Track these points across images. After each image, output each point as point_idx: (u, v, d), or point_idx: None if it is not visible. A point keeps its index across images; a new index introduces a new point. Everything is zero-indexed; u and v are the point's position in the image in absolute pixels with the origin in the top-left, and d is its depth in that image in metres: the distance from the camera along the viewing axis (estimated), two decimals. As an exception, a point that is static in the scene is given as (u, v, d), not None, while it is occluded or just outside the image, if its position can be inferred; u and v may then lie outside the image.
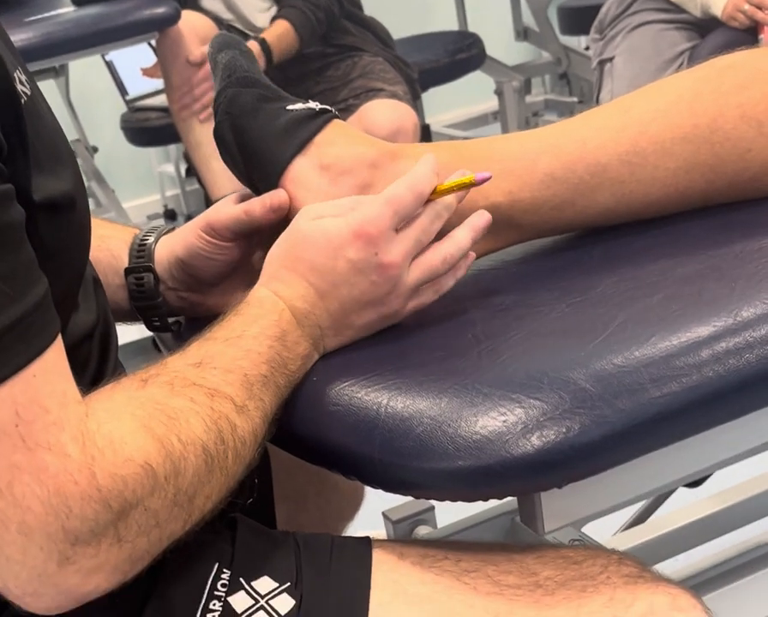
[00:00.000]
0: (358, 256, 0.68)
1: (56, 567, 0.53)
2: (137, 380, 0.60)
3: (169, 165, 3.48)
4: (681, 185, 0.81)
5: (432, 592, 0.63)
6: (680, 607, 0.63)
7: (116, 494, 0.54)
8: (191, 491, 0.58)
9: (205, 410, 0.60)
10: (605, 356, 0.65)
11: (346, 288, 0.69)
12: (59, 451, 0.53)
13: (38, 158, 0.59)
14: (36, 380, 0.53)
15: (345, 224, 0.69)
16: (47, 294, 0.56)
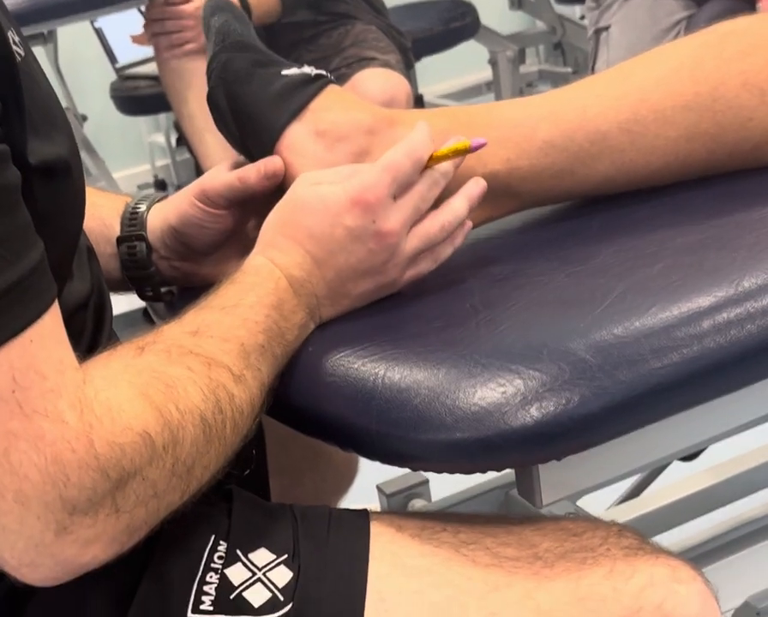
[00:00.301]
0: (356, 224, 0.67)
1: (53, 537, 0.52)
2: (133, 348, 0.59)
3: (159, 135, 3.45)
4: (681, 154, 0.80)
5: (431, 564, 0.62)
6: (680, 578, 0.62)
7: (114, 463, 0.53)
8: (189, 461, 0.57)
9: (202, 379, 0.59)
10: (605, 327, 0.64)
11: (343, 256, 0.68)
12: (56, 418, 0.51)
13: (33, 120, 0.57)
14: (33, 345, 0.52)
15: (342, 190, 0.67)
16: (43, 258, 0.54)
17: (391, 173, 0.68)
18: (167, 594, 0.60)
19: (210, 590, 0.61)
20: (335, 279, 0.68)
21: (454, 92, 3.43)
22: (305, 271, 0.68)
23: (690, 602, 0.62)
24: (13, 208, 0.53)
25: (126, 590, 0.61)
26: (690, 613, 0.61)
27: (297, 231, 0.68)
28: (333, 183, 0.68)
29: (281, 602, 0.60)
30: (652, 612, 0.61)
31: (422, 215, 0.70)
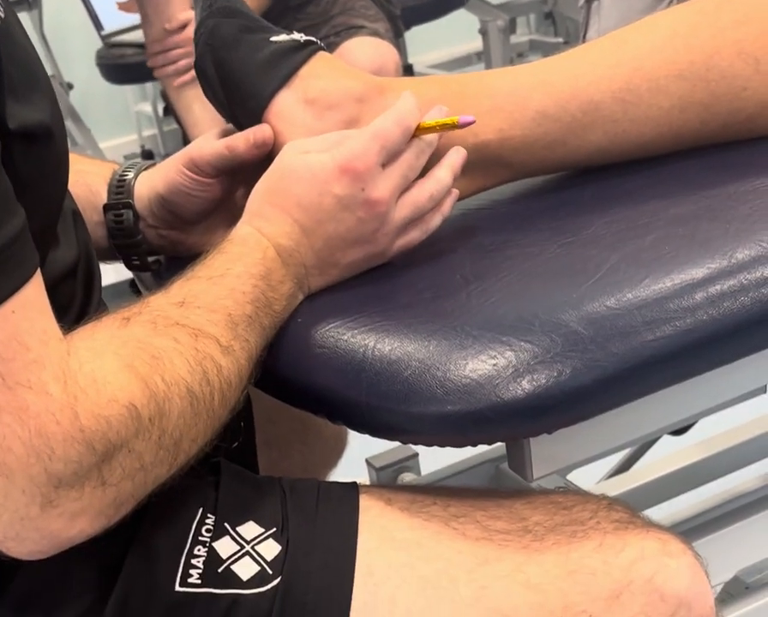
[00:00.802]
0: (345, 192, 0.66)
1: (38, 511, 0.52)
2: (119, 319, 0.58)
3: (146, 104, 3.42)
4: (674, 125, 0.79)
5: (420, 537, 0.62)
6: (670, 552, 0.62)
7: (100, 436, 0.52)
8: (176, 434, 0.56)
9: (189, 350, 0.58)
10: (597, 299, 0.64)
11: (332, 225, 0.67)
12: (40, 389, 0.51)
13: (12, 84, 0.56)
14: (15, 316, 0.51)
15: (331, 159, 0.66)
16: (25, 226, 0.53)
17: (380, 141, 0.67)
18: (154, 567, 0.60)
19: (198, 563, 0.60)
20: (324, 249, 0.67)
21: (444, 61, 3.40)
22: (293, 240, 0.67)
23: (680, 575, 0.61)
24: None
25: (113, 562, 0.60)
26: (680, 586, 0.61)
27: (284, 200, 0.67)
28: (321, 151, 0.67)
29: (270, 575, 0.60)
30: (642, 585, 0.61)
31: (409, 184, 0.69)
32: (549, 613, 0.60)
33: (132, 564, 0.60)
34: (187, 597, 0.59)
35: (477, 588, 0.60)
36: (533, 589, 0.60)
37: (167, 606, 0.59)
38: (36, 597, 0.59)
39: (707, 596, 0.62)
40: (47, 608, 0.59)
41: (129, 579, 0.59)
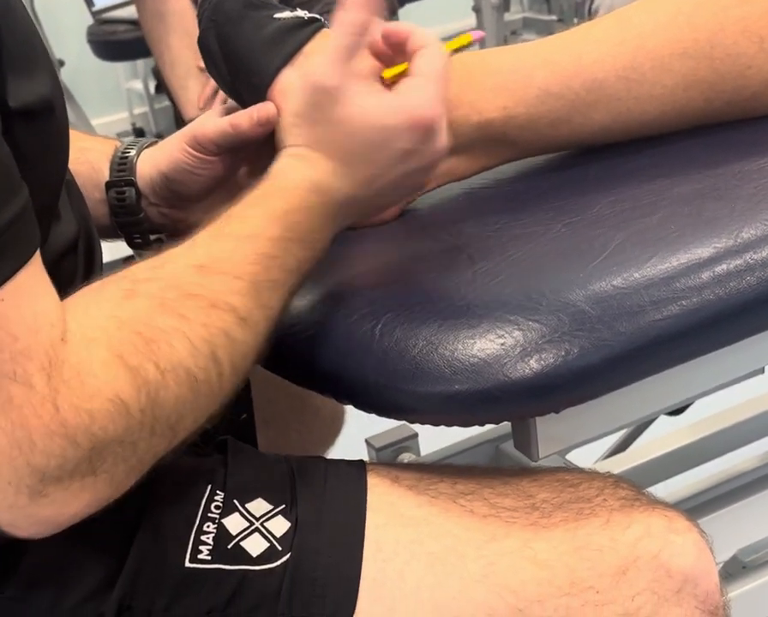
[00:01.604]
0: (412, 146, 0.63)
1: (27, 500, 0.51)
2: (127, 284, 0.56)
3: (137, 82, 3.39)
4: (678, 103, 0.79)
5: (428, 514, 0.62)
6: (676, 529, 0.63)
7: (82, 430, 0.51)
8: (173, 419, 0.55)
9: (195, 328, 0.57)
10: (604, 278, 0.64)
11: (387, 173, 0.64)
12: (25, 381, 0.50)
13: (11, 59, 0.55)
14: (4, 305, 0.50)
15: (400, 109, 0.63)
16: (27, 205, 0.52)
17: (440, 87, 0.64)
18: (164, 544, 0.60)
19: (208, 539, 0.60)
20: (371, 195, 0.65)
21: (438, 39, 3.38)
22: (336, 182, 0.64)
23: (686, 551, 0.62)
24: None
25: (122, 540, 0.60)
26: (686, 563, 0.62)
27: (335, 143, 0.64)
28: (380, 94, 0.63)
29: (279, 551, 0.60)
30: (649, 562, 0.61)
31: None
32: (556, 588, 0.60)
33: (141, 541, 0.60)
34: (197, 573, 0.59)
35: (484, 564, 0.61)
36: (540, 565, 0.61)
37: (177, 582, 0.59)
38: (46, 576, 0.59)
39: (712, 572, 0.63)
40: (57, 586, 0.59)
41: (139, 556, 0.59)
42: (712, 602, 0.63)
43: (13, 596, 0.59)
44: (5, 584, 0.59)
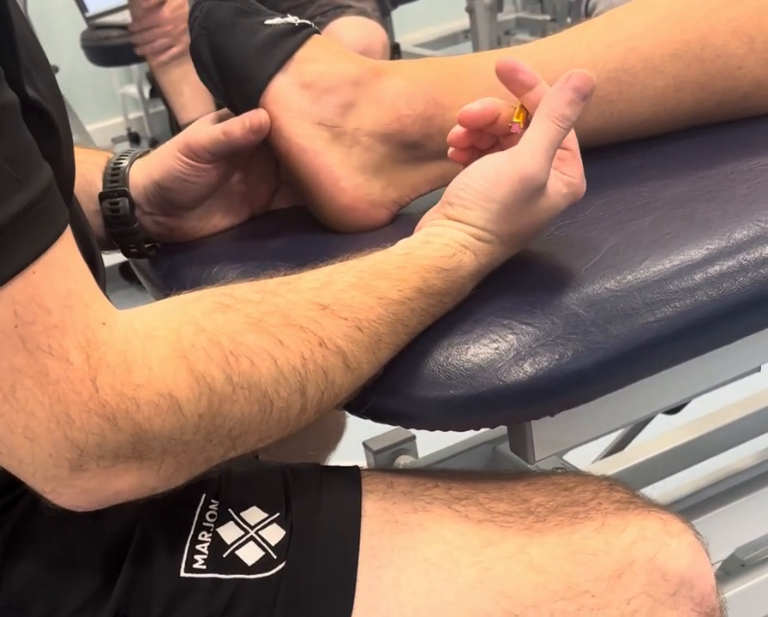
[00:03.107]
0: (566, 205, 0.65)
1: (67, 473, 0.51)
2: (225, 299, 0.56)
3: (132, 86, 3.39)
4: (670, 104, 0.79)
5: (423, 520, 0.62)
6: (671, 531, 0.63)
7: (123, 415, 0.50)
8: (235, 433, 0.55)
9: (290, 357, 0.55)
10: (598, 281, 0.64)
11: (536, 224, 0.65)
12: (61, 356, 0.49)
13: (24, 55, 0.54)
14: (35, 276, 0.49)
15: (563, 201, 0.64)
16: (53, 180, 0.51)
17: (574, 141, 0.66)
18: (159, 553, 0.60)
19: (203, 548, 0.60)
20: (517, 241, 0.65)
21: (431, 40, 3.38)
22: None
23: (681, 554, 0.62)
24: (17, 127, 0.50)
25: (118, 548, 0.60)
26: (681, 565, 0.62)
27: (520, 240, 0.65)
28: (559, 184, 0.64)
29: (274, 559, 0.60)
30: (644, 565, 0.61)
31: None
32: (551, 593, 0.60)
33: (137, 550, 0.60)
34: (192, 583, 0.59)
35: (480, 569, 0.61)
36: (536, 569, 0.61)
37: (173, 591, 0.59)
38: (40, 585, 0.59)
39: (708, 574, 0.63)
40: (52, 595, 0.59)
41: (134, 565, 0.59)
42: (708, 604, 0.63)
43: (7, 604, 0.59)
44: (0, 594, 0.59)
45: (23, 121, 0.51)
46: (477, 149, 0.69)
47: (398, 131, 0.75)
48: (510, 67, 0.65)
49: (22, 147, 0.50)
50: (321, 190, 0.75)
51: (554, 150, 0.62)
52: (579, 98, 0.62)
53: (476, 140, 0.67)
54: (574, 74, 0.62)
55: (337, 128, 0.75)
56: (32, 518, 0.60)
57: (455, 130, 0.67)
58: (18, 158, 0.49)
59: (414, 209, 0.79)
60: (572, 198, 0.65)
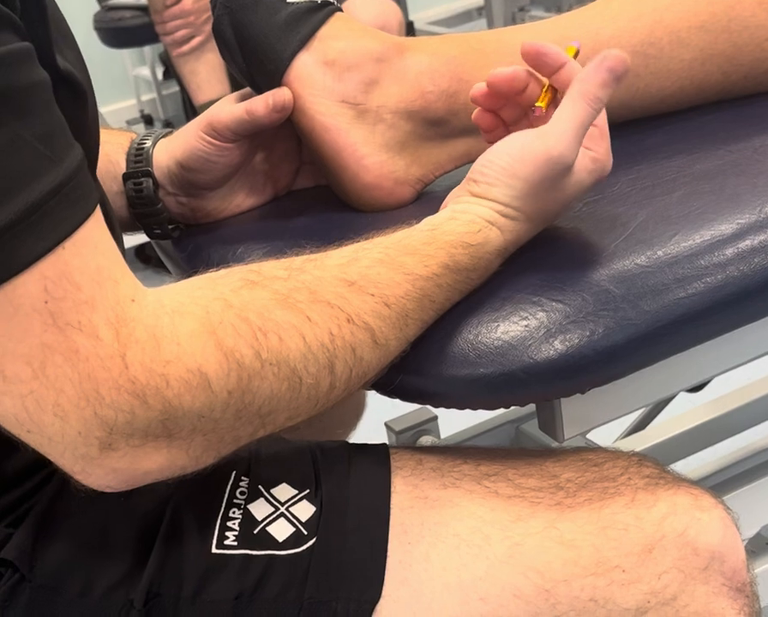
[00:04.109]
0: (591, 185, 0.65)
1: (97, 452, 0.51)
2: (252, 276, 0.55)
3: (144, 68, 3.38)
4: (696, 77, 0.79)
5: (453, 496, 0.62)
6: (701, 506, 0.62)
7: (153, 392, 0.50)
8: (264, 410, 0.54)
9: (318, 333, 0.55)
10: (628, 257, 0.63)
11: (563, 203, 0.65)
12: (90, 333, 0.49)
13: (53, 35, 0.54)
14: (65, 252, 0.49)
15: (590, 177, 0.64)
16: (84, 159, 0.51)
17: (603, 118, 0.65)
18: (190, 530, 0.60)
19: (233, 525, 0.60)
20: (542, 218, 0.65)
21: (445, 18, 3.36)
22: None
23: (712, 529, 0.62)
24: (49, 105, 0.50)
25: (150, 526, 0.60)
26: (712, 540, 0.62)
27: (546, 217, 0.65)
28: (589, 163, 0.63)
29: (305, 536, 0.60)
30: (674, 540, 0.61)
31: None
32: (582, 568, 0.60)
33: (168, 528, 0.60)
34: (224, 559, 0.59)
35: (510, 545, 0.61)
36: (566, 545, 0.61)
37: (204, 568, 0.59)
38: (74, 564, 0.59)
39: (739, 549, 0.63)
40: (86, 574, 0.59)
41: (166, 543, 0.60)
42: (739, 579, 0.62)
43: (42, 584, 0.59)
44: (34, 573, 0.59)
45: (54, 99, 0.51)
46: (503, 124, 0.68)
47: (421, 108, 0.75)
48: (534, 50, 0.64)
49: (55, 126, 0.50)
50: (344, 169, 0.75)
51: (584, 131, 0.61)
52: (613, 79, 0.61)
53: (500, 105, 0.67)
54: (609, 55, 0.61)
55: (360, 106, 0.74)
56: (63, 498, 0.60)
57: (478, 86, 0.66)
58: (50, 136, 0.49)
59: (438, 187, 0.79)
60: (598, 175, 0.64)
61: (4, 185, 0.47)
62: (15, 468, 0.60)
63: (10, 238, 0.47)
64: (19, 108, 0.48)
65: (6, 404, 0.50)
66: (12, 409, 0.50)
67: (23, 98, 0.48)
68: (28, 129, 0.48)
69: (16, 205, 0.47)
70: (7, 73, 0.48)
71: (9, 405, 0.50)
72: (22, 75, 0.49)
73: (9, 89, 0.48)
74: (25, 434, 0.51)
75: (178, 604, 0.58)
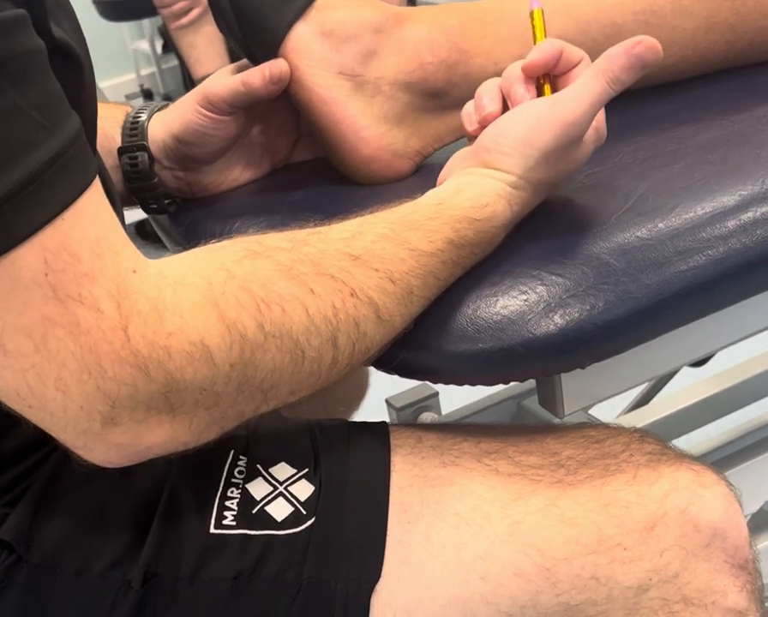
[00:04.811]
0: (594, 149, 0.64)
1: (99, 426, 0.50)
2: (253, 246, 0.54)
3: (143, 42, 3.36)
4: (699, 46, 0.77)
5: (453, 474, 0.62)
6: (703, 483, 0.62)
7: (156, 364, 0.49)
8: (266, 384, 0.54)
9: (321, 306, 0.54)
10: (628, 229, 0.62)
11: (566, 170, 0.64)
12: (91, 305, 0.48)
13: (48, 4, 0.53)
14: (65, 223, 0.48)
15: (592, 143, 0.64)
16: (82, 129, 0.50)
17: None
18: (188, 510, 0.60)
19: (232, 504, 0.60)
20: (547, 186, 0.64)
21: (446, -12, 3.33)
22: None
23: (714, 505, 0.61)
24: (45, 74, 0.49)
25: (147, 505, 0.60)
26: (714, 516, 0.61)
27: (550, 187, 0.64)
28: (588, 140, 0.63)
29: (304, 515, 0.60)
30: (677, 517, 0.60)
31: None
32: (583, 546, 0.60)
33: (166, 507, 0.60)
34: (222, 539, 0.59)
35: (511, 523, 0.60)
36: (567, 523, 0.60)
37: (203, 548, 0.59)
38: (72, 543, 0.59)
39: (741, 525, 0.62)
40: (84, 553, 0.59)
41: (164, 523, 0.59)
42: (741, 556, 0.62)
43: (40, 563, 0.58)
44: (31, 553, 0.58)
45: (50, 67, 0.50)
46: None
47: (421, 79, 0.74)
48: (555, 52, 0.63)
49: (51, 95, 0.49)
50: (342, 141, 0.74)
51: (598, 106, 0.60)
52: (640, 67, 0.60)
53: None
54: (643, 43, 0.60)
55: (358, 78, 0.73)
56: (60, 477, 0.60)
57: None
58: (47, 105, 0.48)
59: (437, 160, 0.77)
60: (598, 143, 0.64)
61: (1, 155, 0.46)
62: (11, 447, 0.60)
63: (8, 210, 0.46)
64: (14, 76, 0.47)
65: (7, 379, 0.49)
66: (13, 384, 0.49)
67: (19, 66, 0.47)
68: (24, 98, 0.47)
69: (13, 175, 0.46)
70: (2, 41, 0.47)
71: (11, 380, 0.49)
72: (18, 43, 0.48)
73: (4, 57, 0.47)
74: (26, 409, 0.50)
75: (176, 584, 0.58)
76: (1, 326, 0.48)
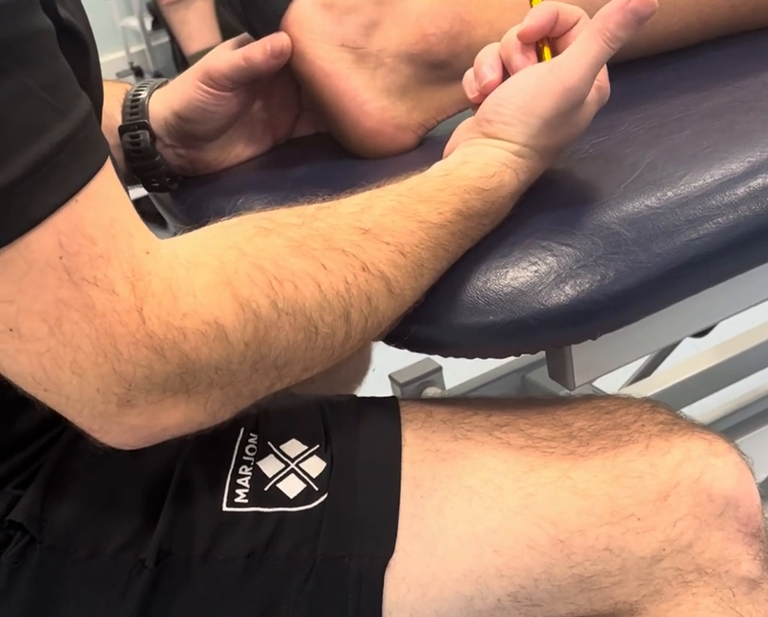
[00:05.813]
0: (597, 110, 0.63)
1: (116, 409, 0.50)
2: (265, 223, 0.54)
3: (132, 19, 3.32)
4: (704, 12, 0.77)
5: (464, 448, 0.61)
6: (715, 452, 0.62)
7: (171, 345, 0.49)
8: (281, 361, 0.53)
9: (333, 282, 0.54)
10: (637, 198, 0.62)
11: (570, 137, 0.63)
12: (106, 287, 0.48)
13: None
14: (78, 205, 0.47)
15: (595, 104, 0.63)
16: (92, 109, 0.50)
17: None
18: (200, 489, 0.59)
19: (244, 482, 0.60)
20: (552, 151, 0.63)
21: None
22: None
23: (726, 474, 0.61)
24: (54, 54, 0.48)
25: (159, 485, 0.59)
26: (727, 485, 0.61)
27: (555, 153, 0.63)
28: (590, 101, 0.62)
29: (316, 492, 0.60)
30: (689, 486, 0.60)
31: None
32: (596, 517, 0.60)
33: (177, 487, 0.59)
34: (234, 517, 0.59)
35: (523, 496, 0.60)
36: (580, 494, 0.60)
37: (215, 526, 0.59)
38: (83, 524, 0.59)
39: (754, 494, 0.62)
40: (95, 534, 0.58)
41: (176, 502, 0.59)
42: (754, 524, 0.62)
43: (52, 545, 0.58)
44: (44, 534, 0.58)
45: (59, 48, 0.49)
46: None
47: (423, 51, 0.73)
48: (551, 16, 0.62)
49: (61, 76, 0.48)
50: (345, 115, 0.73)
51: (598, 68, 0.60)
52: (636, 21, 0.59)
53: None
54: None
55: (360, 50, 0.72)
56: (71, 458, 0.60)
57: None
58: (57, 87, 0.47)
59: (441, 132, 0.77)
60: (601, 102, 0.63)
61: (13, 137, 0.46)
62: (21, 429, 0.59)
63: (21, 192, 0.46)
64: (25, 58, 0.46)
65: (23, 363, 0.49)
66: (29, 368, 0.49)
67: (29, 48, 0.47)
68: (34, 79, 0.46)
69: (26, 158, 0.46)
70: (11, 22, 0.46)
71: (26, 364, 0.49)
72: (26, 24, 0.47)
73: (13, 38, 0.46)
74: (42, 393, 0.50)
75: (190, 563, 0.58)
76: (16, 310, 0.47)
